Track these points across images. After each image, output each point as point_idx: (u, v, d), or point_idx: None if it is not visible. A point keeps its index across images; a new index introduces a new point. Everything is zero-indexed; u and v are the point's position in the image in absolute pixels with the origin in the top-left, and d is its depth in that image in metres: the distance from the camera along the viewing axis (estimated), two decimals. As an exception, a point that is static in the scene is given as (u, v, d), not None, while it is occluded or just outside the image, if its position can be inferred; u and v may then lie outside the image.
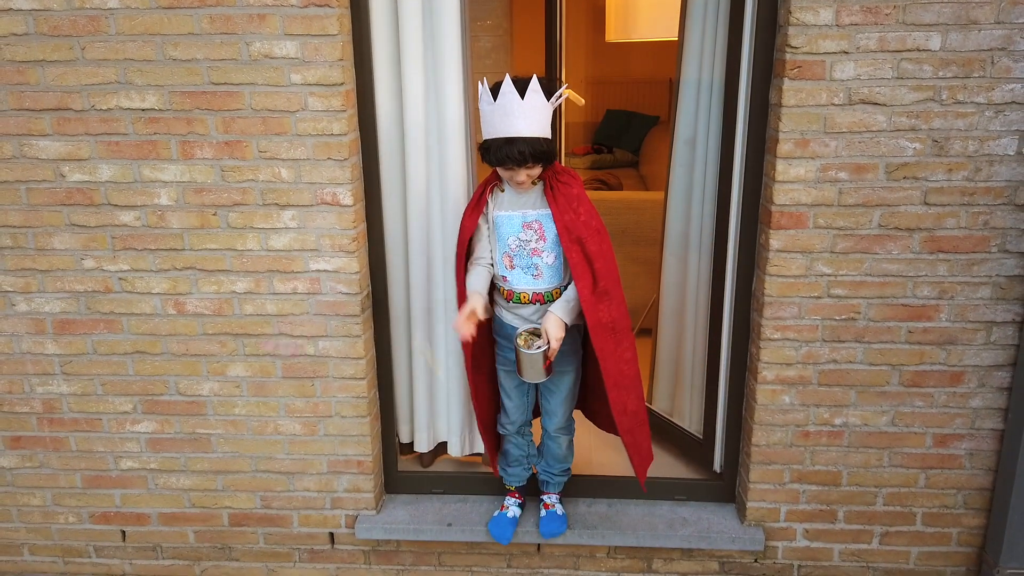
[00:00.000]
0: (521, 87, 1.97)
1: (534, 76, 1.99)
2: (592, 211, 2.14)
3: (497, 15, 6.91)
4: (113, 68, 2.18)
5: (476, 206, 2.20)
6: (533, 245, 2.16)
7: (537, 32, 3.25)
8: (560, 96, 2.05)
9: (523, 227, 2.15)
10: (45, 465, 2.57)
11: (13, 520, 2.64)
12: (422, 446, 2.73)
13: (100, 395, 2.48)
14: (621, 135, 6.70)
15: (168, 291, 2.37)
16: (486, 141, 2.05)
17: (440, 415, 2.71)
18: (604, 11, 4.70)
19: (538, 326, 2.16)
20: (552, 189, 2.11)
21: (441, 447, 2.76)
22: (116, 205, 2.30)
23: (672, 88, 2.76)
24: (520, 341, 2.13)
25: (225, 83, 2.19)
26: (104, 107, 2.22)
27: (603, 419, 2.49)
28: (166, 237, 2.33)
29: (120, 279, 2.37)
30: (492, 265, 2.24)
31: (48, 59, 2.18)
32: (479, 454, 2.76)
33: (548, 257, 2.16)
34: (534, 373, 2.14)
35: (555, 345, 2.10)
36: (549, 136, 2.05)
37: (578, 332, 2.30)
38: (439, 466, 2.77)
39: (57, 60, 2.18)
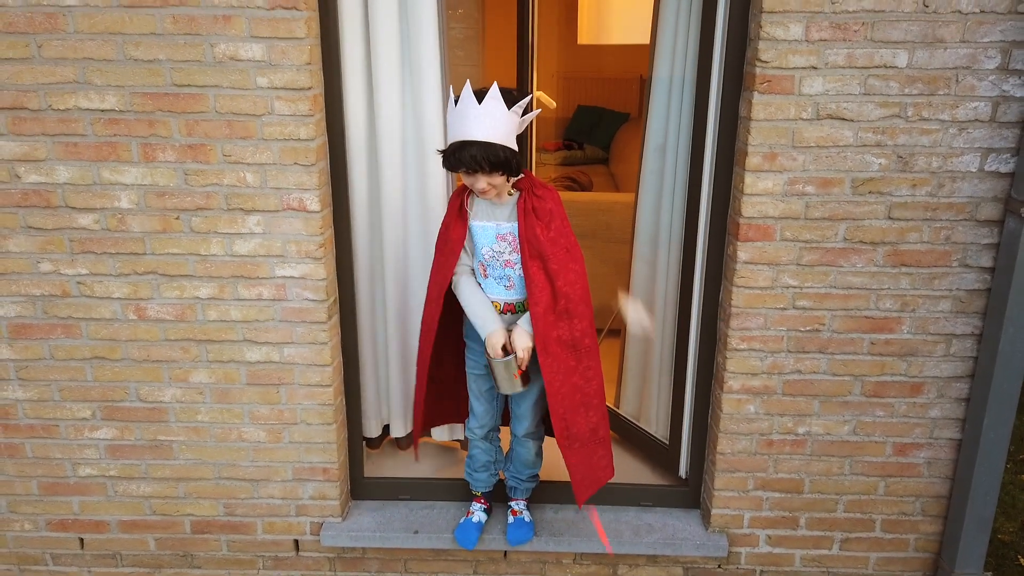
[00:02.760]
0: (481, 94, 1.96)
1: (494, 83, 1.97)
2: (565, 228, 2.12)
3: (468, 5, 6.86)
4: (71, 67, 2.12)
5: (459, 214, 2.17)
6: (506, 257, 2.15)
7: (510, 22, 3.23)
8: (530, 112, 2.03)
9: (497, 238, 2.14)
10: (0, 472, 2.50)
11: (-34, 528, 2.58)
12: (398, 431, 2.72)
13: (57, 401, 2.42)
14: (592, 131, 6.70)
15: (129, 296, 2.32)
16: (447, 152, 2.04)
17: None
18: (576, 8, 4.69)
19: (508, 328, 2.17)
20: (524, 202, 2.10)
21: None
22: (74, 207, 2.24)
23: (643, 85, 2.76)
24: (490, 351, 2.13)
25: (189, 85, 2.13)
26: (62, 107, 2.15)
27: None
28: (126, 241, 2.27)
29: (78, 283, 2.31)
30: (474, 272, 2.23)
31: (3, 56, 2.11)
32: (458, 440, 2.81)
33: (520, 269, 2.15)
34: (508, 384, 2.15)
35: (521, 355, 2.11)
36: (512, 147, 2.03)
37: None
38: (408, 466, 2.77)
39: (12, 58, 2.11)
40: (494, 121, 1.97)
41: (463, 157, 1.98)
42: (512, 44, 3.17)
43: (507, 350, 2.13)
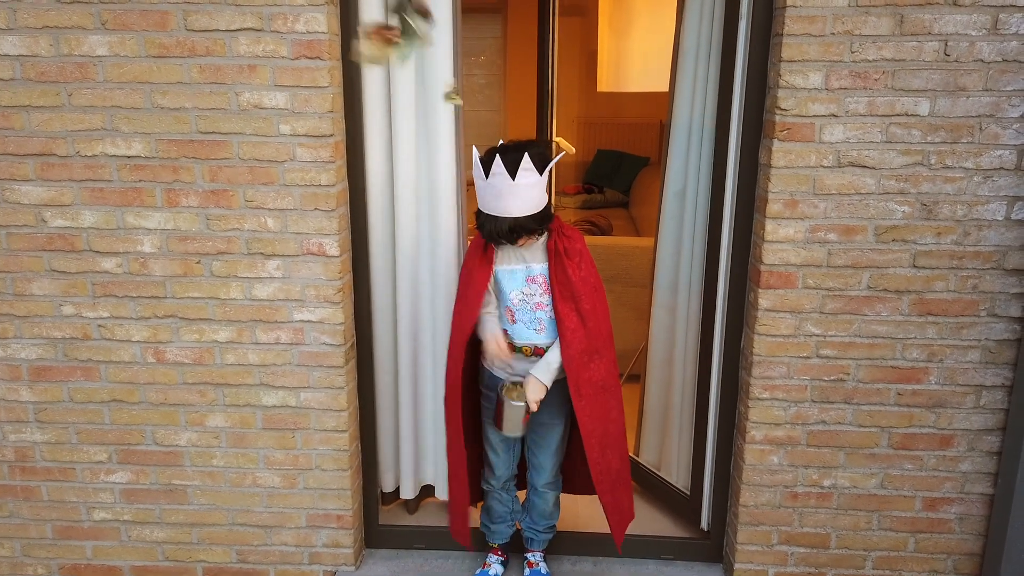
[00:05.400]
0: (511, 165, 1.93)
1: (525, 155, 1.94)
2: (592, 268, 2.14)
3: (490, 52, 6.98)
4: (100, 115, 2.16)
5: (483, 259, 2.15)
6: (537, 299, 2.14)
7: (529, 70, 3.27)
8: (553, 161, 2.04)
9: (527, 281, 2.13)
10: (15, 515, 2.49)
11: (-21, 571, 2.56)
12: (407, 492, 2.69)
13: (75, 444, 2.42)
14: (612, 175, 6.73)
15: (148, 339, 2.33)
16: (480, 214, 2.05)
17: (427, 459, 2.70)
18: (596, 55, 4.74)
19: (522, 378, 2.15)
20: (555, 244, 2.09)
21: (425, 491, 2.74)
22: (98, 251, 2.27)
23: (663, 130, 2.77)
24: (503, 392, 2.13)
25: (213, 132, 2.17)
26: (89, 153, 2.19)
27: (577, 481, 2.46)
28: (148, 284, 2.29)
29: (99, 326, 2.32)
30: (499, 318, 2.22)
31: (34, 104, 2.16)
32: None
33: (551, 311, 2.14)
34: (512, 426, 2.15)
35: (533, 408, 2.13)
36: (544, 204, 2.03)
37: (566, 386, 2.27)
38: (424, 511, 2.74)
39: (43, 106, 2.16)
40: (530, 192, 1.97)
41: (502, 232, 2.00)
42: (532, 88, 3.22)
43: (508, 392, 2.15)
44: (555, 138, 3.38)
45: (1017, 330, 2.19)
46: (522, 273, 2.14)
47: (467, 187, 2.40)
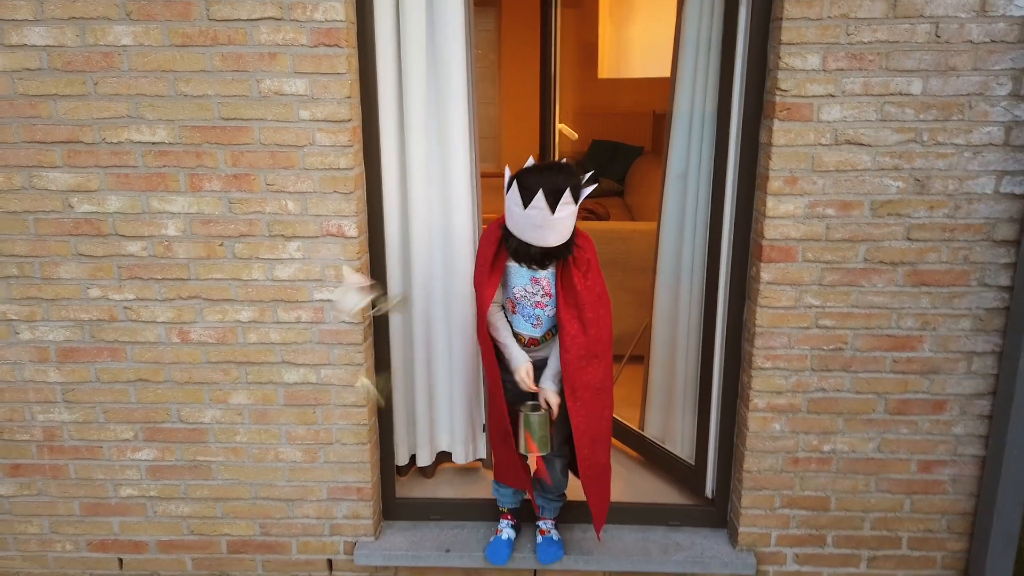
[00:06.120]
0: (552, 199, 1.94)
1: (567, 190, 1.96)
2: (599, 276, 2.22)
3: (484, 45, 7.05)
4: (125, 103, 2.24)
5: (498, 253, 2.20)
6: (537, 299, 2.25)
7: (524, 63, 3.36)
8: (588, 190, 2.05)
9: (531, 280, 2.23)
10: (44, 493, 2.57)
11: (9, 548, 2.63)
12: (424, 460, 2.80)
13: (101, 423, 2.50)
14: (607, 165, 6.83)
15: (173, 320, 2.41)
16: (512, 237, 2.07)
17: (442, 427, 2.81)
18: (594, 46, 4.83)
19: (535, 403, 2.30)
20: None
21: (441, 458, 2.87)
22: (123, 235, 2.35)
23: (656, 120, 2.86)
24: (523, 418, 2.26)
25: (235, 118, 2.25)
26: (115, 140, 2.27)
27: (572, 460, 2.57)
28: (172, 267, 2.37)
29: (125, 308, 2.40)
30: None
31: (61, 93, 2.23)
32: (480, 459, 2.88)
33: (550, 310, 2.25)
34: (542, 441, 2.26)
35: (555, 411, 2.28)
36: (573, 228, 2.11)
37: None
38: (440, 477, 2.86)
39: (70, 94, 2.23)
40: (564, 224, 2.04)
41: (532, 257, 2.08)
42: (526, 81, 3.30)
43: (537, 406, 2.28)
44: (559, 125, 3.47)
45: (1006, 298, 2.30)
46: (527, 273, 2.24)
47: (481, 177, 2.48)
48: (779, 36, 2.15)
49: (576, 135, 2.09)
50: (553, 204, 1.96)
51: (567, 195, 1.97)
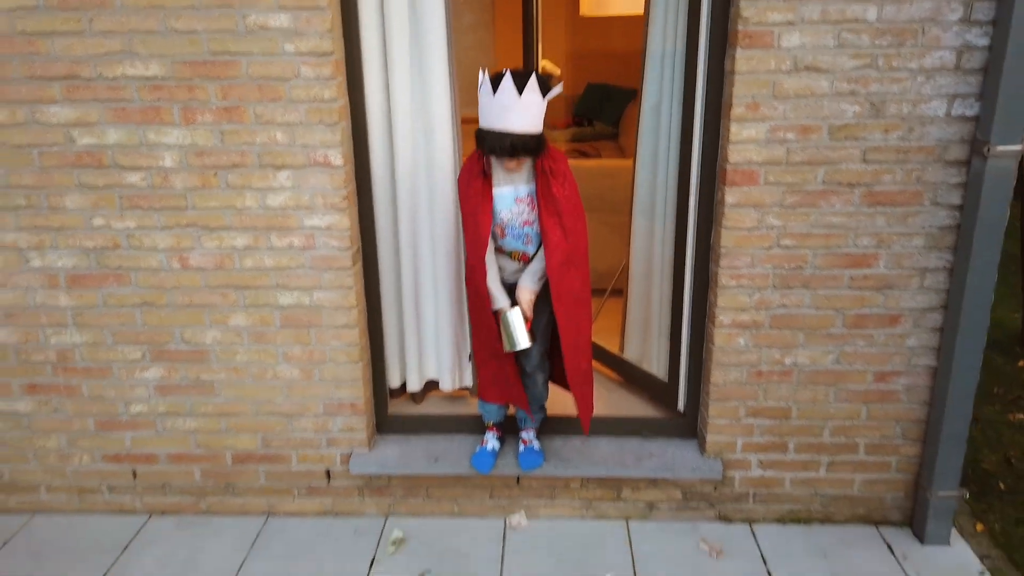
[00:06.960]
0: (519, 83, 2.15)
1: (533, 75, 2.17)
2: (574, 189, 2.38)
3: (478, -5, 7.02)
4: (119, 39, 2.36)
5: (484, 183, 2.34)
6: (525, 217, 2.39)
7: (517, 7, 3.42)
8: (553, 91, 2.23)
9: (515, 201, 2.38)
10: (60, 410, 2.77)
11: (30, 462, 2.84)
12: (414, 386, 2.97)
13: (110, 344, 2.68)
14: (601, 108, 6.86)
15: (172, 247, 2.56)
16: (481, 130, 2.25)
17: (429, 356, 2.97)
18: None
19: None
20: (542, 165, 2.32)
21: (429, 386, 3.03)
22: (123, 167, 2.49)
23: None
24: (501, 316, 2.43)
25: (223, 52, 2.36)
26: (111, 75, 2.39)
27: (555, 373, 2.76)
28: (170, 196, 2.51)
29: (128, 236, 2.56)
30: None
31: (58, 31, 2.35)
32: (466, 388, 3.04)
33: (537, 226, 2.40)
34: (520, 335, 2.41)
35: (527, 307, 2.44)
36: (540, 130, 2.26)
37: (547, 289, 2.52)
38: (429, 404, 3.03)
39: (66, 31, 2.35)
40: (533, 111, 2.20)
41: (503, 146, 2.20)
42: (518, 29, 3.36)
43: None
44: (542, 61, 3.56)
45: (956, 216, 2.43)
46: (510, 194, 2.38)
47: (459, 97, 2.59)
48: (740, -35, 2.24)
49: (559, 70, 2.21)
50: (520, 85, 2.14)
51: (533, 80, 2.15)
